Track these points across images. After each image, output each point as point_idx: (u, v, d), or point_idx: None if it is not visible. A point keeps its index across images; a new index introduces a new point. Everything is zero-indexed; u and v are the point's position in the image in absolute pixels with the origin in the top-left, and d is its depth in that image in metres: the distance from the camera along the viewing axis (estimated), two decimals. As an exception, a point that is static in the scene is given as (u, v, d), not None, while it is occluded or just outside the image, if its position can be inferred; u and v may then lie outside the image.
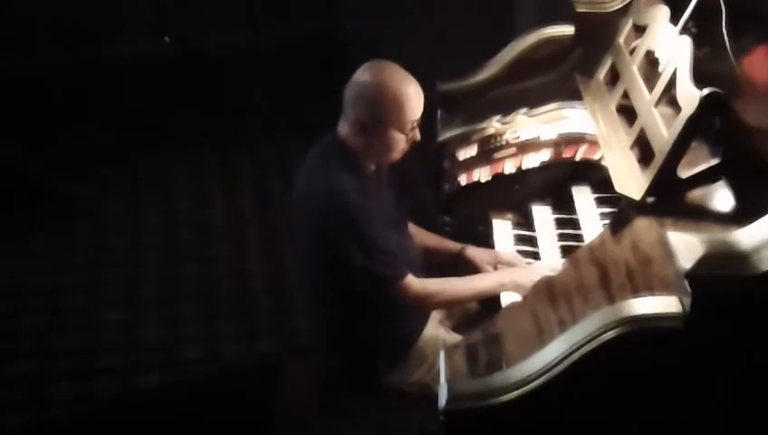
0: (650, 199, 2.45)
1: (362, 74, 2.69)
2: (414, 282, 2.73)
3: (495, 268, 2.99)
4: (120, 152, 5.36)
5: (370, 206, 2.67)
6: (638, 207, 2.44)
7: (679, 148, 2.40)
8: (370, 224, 2.65)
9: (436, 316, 3.01)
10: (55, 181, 5.14)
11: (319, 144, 2.81)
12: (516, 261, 2.98)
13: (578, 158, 3.19)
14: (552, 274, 2.50)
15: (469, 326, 3.05)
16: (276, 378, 3.06)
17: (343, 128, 2.73)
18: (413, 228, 3.07)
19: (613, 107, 2.90)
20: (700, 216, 2.35)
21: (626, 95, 2.84)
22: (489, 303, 2.88)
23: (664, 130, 2.48)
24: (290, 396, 2.99)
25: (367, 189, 2.70)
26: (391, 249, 2.69)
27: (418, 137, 2.76)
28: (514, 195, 3.29)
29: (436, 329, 2.96)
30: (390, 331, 2.82)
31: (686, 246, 2.04)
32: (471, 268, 3.03)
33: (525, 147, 3.26)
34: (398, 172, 2.94)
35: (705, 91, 2.34)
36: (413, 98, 2.67)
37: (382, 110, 2.64)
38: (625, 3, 3.16)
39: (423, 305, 2.84)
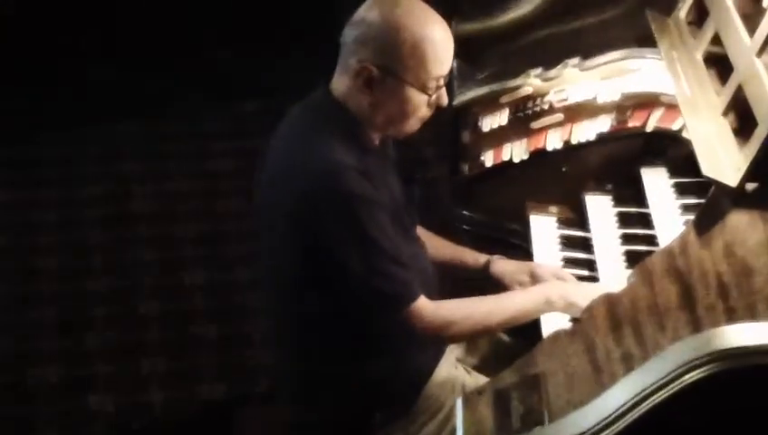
0: (751, 186, 2.47)
1: (371, 9, 2.69)
2: (428, 306, 2.72)
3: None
4: (9, 126, 5.35)
5: (376, 194, 2.68)
6: (735, 198, 2.46)
7: (792, 114, 2.43)
8: (376, 220, 2.64)
9: (453, 351, 3.03)
10: None
11: (304, 104, 2.81)
12: (563, 277, 3.00)
13: (650, 128, 3.22)
14: (615, 291, 2.51)
15: (498, 364, 3.07)
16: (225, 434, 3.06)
17: (340, 82, 2.73)
18: (421, 232, 3.07)
19: (699, 56, 2.92)
20: (821, 209, 2.38)
21: (717, 40, 2.87)
22: (524, 332, 2.90)
23: (771, 90, 2.51)
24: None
25: (370, 171, 2.69)
26: (401, 258, 2.69)
27: (445, 100, 2.76)
28: (561, 180, 3.32)
29: (452, 368, 2.97)
30: (392, 369, 2.82)
31: (802, 251, 2.06)
32: (499, 288, 3.03)
33: (576, 112, 3.29)
34: (400, 148, 2.95)
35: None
36: (440, 44, 2.67)
37: (397, 58, 2.64)
38: None
39: (437, 337, 2.83)
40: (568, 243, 3.20)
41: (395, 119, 2.72)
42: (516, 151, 3.32)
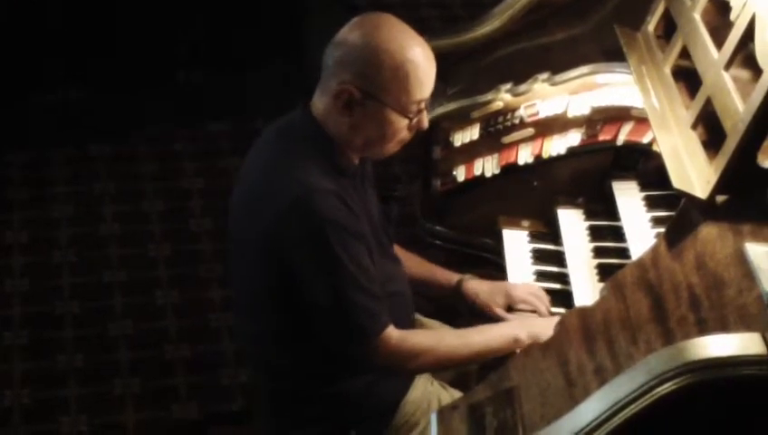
0: (721, 198, 2.49)
1: (353, 31, 2.69)
2: (393, 337, 2.72)
3: (507, 310, 3.03)
4: None
5: (352, 219, 2.67)
6: (705, 210, 2.48)
7: (760, 126, 2.44)
8: (348, 247, 2.63)
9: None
10: None
11: (280, 124, 2.81)
12: (536, 299, 3.02)
13: (620, 141, 3.24)
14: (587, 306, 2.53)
15: (472, 379, 3.09)
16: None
17: (321, 102, 2.72)
18: (396, 249, 3.06)
19: (668, 70, 2.95)
20: (790, 221, 2.39)
21: (685, 53, 2.89)
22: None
23: (738, 102, 2.52)
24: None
25: (347, 194, 2.69)
26: (373, 287, 2.69)
27: (426, 124, 2.77)
28: (532, 194, 3.34)
29: (427, 384, 2.98)
30: (367, 387, 2.84)
31: (772, 262, 2.07)
32: (472, 309, 3.05)
33: (547, 126, 3.31)
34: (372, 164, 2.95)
35: (795, 47, 2.40)
36: (422, 68, 2.67)
37: (378, 81, 2.64)
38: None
39: (400, 369, 2.83)
40: (540, 257, 3.22)
41: (374, 141, 2.72)
42: (488, 166, 3.34)
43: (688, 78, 2.85)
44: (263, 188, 2.71)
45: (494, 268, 3.24)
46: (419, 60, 2.66)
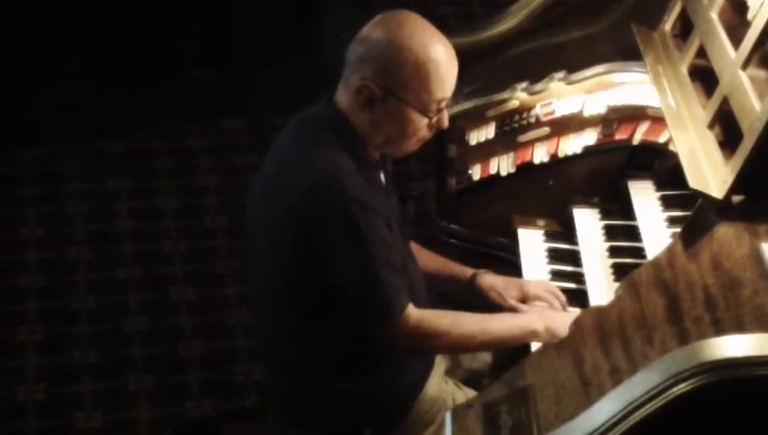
0: (737, 199, 2.49)
1: (376, 28, 2.69)
2: (413, 314, 2.73)
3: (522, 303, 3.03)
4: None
5: (375, 196, 2.68)
6: (721, 210, 2.49)
7: (777, 126, 2.45)
8: (373, 224, 2.64)
9: (441, 365, 3.04)
10: None
11: (303, 117, 2.82)
12: (551, 295, 3.02)
13: (636, 141, 3.24)
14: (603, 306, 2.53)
15: (487, 378, 3.09)
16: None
17: (343, 97, 2.73)
18: (412, 246, 3.06)
19: (685, 69, 2.94)
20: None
21: (702, 53, 2.89)
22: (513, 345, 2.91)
23: (755, 101, 2.52)
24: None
25: (370, 183, 2.71)
26: (395, 265, 2.70)
27: (446, 123, 2.77)
28: (548, 193, 3.34)
29: (442, 383, 2.99)
30: (382, 385, 2.84)
31: (789, 262, 2.07)
32: (486, 304, 3.05)
33: (563, 125, 3.31)
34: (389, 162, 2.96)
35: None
36: (443, 67, 2.67)
37: (399, 79, 2.64)
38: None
39: (420, 349, 2.84)
40: (556, 256, 3.22)
41: (394, 139, 2.73)
42: (503, 165, 3.34)
43: (705, 77, 2.85)
44: (283, 177, 2.71)
45: (509, 267, 3.23)
46: (441, 58, 2.66)
